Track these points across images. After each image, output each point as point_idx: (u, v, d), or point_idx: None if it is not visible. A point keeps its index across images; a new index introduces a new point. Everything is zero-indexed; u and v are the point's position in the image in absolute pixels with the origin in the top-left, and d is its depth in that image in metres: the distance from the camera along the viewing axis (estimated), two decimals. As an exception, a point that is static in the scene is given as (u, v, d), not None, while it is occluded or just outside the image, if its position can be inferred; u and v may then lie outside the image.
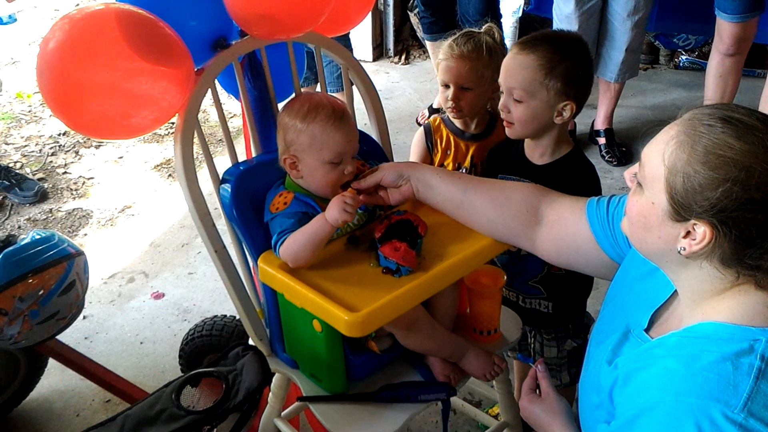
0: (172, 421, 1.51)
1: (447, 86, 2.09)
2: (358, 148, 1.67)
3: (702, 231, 1.10)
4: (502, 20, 4.11)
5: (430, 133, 2.20)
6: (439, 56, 2.11)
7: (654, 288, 1.34)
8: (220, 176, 1.73)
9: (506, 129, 1.82)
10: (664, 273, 1.25)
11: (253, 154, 1.83)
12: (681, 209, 1.11)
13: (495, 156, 1.97)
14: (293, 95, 1.83)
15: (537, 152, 1.84)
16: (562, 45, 1.75)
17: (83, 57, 1.48)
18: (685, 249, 1.13)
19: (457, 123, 2.17)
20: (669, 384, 1.11)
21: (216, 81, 1.73)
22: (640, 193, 1.19)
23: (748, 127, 1.08)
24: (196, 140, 1.67)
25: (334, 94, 3.50)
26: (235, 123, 4.16)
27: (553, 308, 1.94)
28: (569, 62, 1.72)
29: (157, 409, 1.55)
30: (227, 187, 1.68)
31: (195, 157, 1.68)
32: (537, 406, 1.45)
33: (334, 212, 1.52)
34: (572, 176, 1.80)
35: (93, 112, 1.53)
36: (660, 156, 1.13)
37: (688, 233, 1.12)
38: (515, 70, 1.75)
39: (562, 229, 1.55)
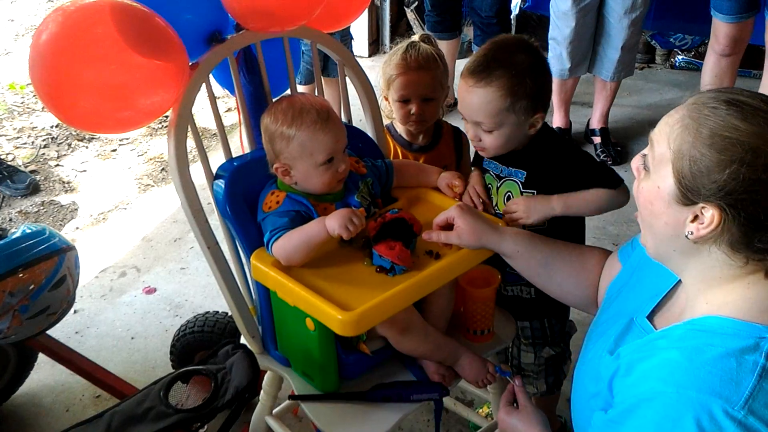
0: (160, 419, 1.50)
1: (406, 101, 2.00)
2: (347, 142, 1.65)
3: (710, 214, 1.09)
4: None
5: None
6: (388, 71, 2.01)
7: (658, 279, 1.34)
8: (214, 172, 1.72)
9: (479, 152, 1.79)
10: (670, 268, 1.24)
11: (248, 150, 1.81)
12: (689, 192, 1.10)
13: None
14: (287, 92, 1.82)
15: None
16: (516, 61, 1.66)
17: (76, 49, 1.46)
18: (692, 233, 1.12)
19: (404, 135, 2.11)
20: (670, 376, 1.10)
21: (211, 75, 1.71)
22: (647, 178, 1.19)
23: (754, 108, 1.08)
24: (190, 134, 1.66)
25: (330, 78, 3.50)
26: (231, 118, 4.14)
27: (536, 293, 1.87)
28: (528, 79, 1.65)
29: (145, 407, 1.54)
30: (221, 183, 1.66)
31: (189, 151, 1.67)
32: (514, 417, 1.47)
33: (334, 224, 1.50)
34: (551, 146, 1.77)
35: (85, 105, 1.51)
36: (665, 140, 1.13)
37: (696, 217, 1.12)
38: (478, 104, 1.67)
39: (606, 281, 1.59)
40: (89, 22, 1.48)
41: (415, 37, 2.06)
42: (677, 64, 4.95)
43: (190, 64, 1.62)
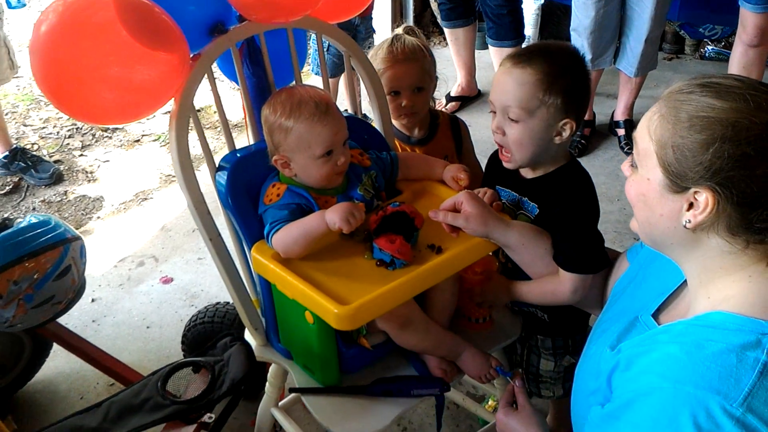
0: (156, 410, 1.50)
1: (396, 93, 2.02)
2: (348, 135, 1.63)
3: (704, 198, 1.08)
4: (523, 6, 4.06)
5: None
6: (376, 66, 2.00)
7: (665, 277, 1.32)
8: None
9: (504, 161, 1.67)
10: (673, 260, 1.22)
11: (252, 142, 1.80)
12: (677, 179, 1.10)
13: (495, 163, 1.80)
14: (293, 83, 1.81)
15: (531, 168, 1.70)
16: (560, 57, 1.59)
17: (77, 40, 1.47)
18: (690, 221, 1.11)
19: (401, 128, 2.10)
20: (669, 370, 1.08)
21: (217, 67, 1.70)
22: (635, 173, 1.19)
23: (727, 87, 1.08)
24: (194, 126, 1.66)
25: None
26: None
27: (550, 318, 1.84)
28: (569, 76, 1.57)
29: (143, 397, 1.54)
30: (223, 174, 1.66)
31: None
32: (513, 418, 1.46)
33: (335, 217, 1.48)
34: (564, 188, 1.66)
35: (86, 96, 1.51)
36: (646, 132, 1.14)
37: (691, 205, 1.10)
38: (511, 86, 1.57)
39: (613, 279, 1.58)
40: (90, 12, 1.48)
41: (399, 30, 2.07)
42: (707, 55, 4.86)
43: (191, 55, 1.61)
